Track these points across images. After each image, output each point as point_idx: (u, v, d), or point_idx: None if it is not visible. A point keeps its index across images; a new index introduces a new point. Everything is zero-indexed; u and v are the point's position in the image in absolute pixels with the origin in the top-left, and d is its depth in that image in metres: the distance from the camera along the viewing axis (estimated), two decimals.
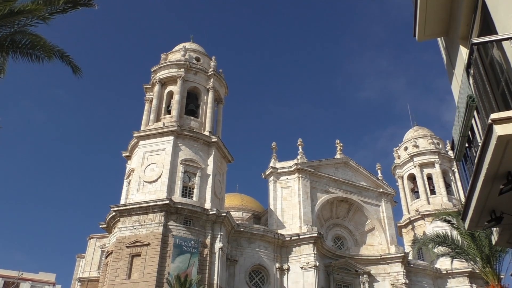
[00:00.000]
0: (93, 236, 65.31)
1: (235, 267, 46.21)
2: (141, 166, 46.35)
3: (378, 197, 59.69)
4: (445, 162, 67.85)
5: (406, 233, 65.99)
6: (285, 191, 54.05)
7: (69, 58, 16.48)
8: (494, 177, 7.50)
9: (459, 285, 57.12)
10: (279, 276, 48.01)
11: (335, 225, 57.81)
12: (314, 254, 48.42)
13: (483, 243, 20.02)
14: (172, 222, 42.37)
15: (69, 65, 16.41)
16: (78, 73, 16.76)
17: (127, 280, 39.96)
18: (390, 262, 54.34)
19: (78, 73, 16.79)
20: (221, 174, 50.29)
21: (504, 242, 9.82)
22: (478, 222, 8.89)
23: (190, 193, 45.58)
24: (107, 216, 45.72)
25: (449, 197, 64.02)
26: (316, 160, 57.41)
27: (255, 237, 48.49)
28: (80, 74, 16.89)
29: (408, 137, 72.51)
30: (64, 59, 16.29)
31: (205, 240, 42.97)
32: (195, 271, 40.18)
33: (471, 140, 9.19)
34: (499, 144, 6.74)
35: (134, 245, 41.42)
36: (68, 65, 16.36)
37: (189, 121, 50.43)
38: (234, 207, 65.13)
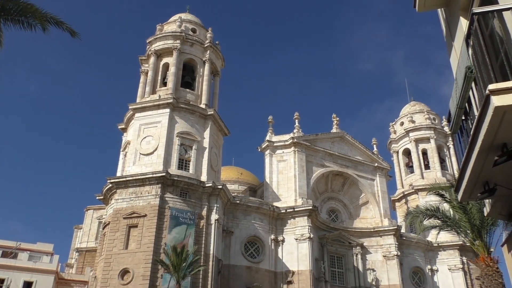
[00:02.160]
0: (90, 207, 65.84)
1: (231, 238, 46.90)
2: (137, 138, 46.34)
3: (373, 171, 60.22)
4: (440, 138, 68.27)
5: (400, 207, 66.93)
6: (281, 164, 54.40)
7: (65, 24, 16.26)
8: (489, 148, 7.60)
9: (450, 258, 58.39)
10: (274, 247, 48.83)
11: (330, 199, 58.48)
12: (308, 226, 49.14)
13: (475, 216, 20.32)
14: (169, 194, 42.70)
15: (66, 30, 16.20)
16: (76, 36, 16.56)
17: (124, 250, 40.54)
18: (383, 234, 55.31)
19: (77, 37, 16.59)
20: (217, 147, 50.41)
21: (496, 213, 10.02)
22: (471, 194, 9.04)
23: (187, 166, 45.77)
24: (104, 188, 45.97)
25: (443, 172, 64.66)
26: (312, 134, 57.56)
27: (250, 209, 49.05)
28: (78, 37, 16.68)
29: (405, 112, 72.65)
30: (60, 25, 16.09)
31: (202, 212, 43.43)
32: (191, 242, 40.77)
33: (467, 113, 9.26)
34: (496, 115, 6.81)
35: (131, 217, 41.85)
36: (65, 31, 16.14)
37: (185, 93, 50.17)
38: (230, 180, 65.56)
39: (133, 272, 39.08)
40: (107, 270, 39.95)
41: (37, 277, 51.74)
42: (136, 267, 39.22)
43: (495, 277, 18.44)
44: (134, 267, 39.29)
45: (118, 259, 40.16)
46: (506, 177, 8.30)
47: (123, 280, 39.13)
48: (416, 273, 57.20)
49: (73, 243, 69.32)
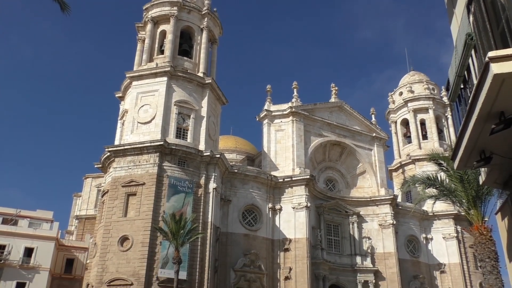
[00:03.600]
0: (88, 175, 66.25)
1: (228, 207, 47.41)
2: (134, 107, 46.12)
3: (370, 141, 60.38)
4: (439, 108, 68.17)
5: (396, 176, 67.47)
6: (279, 134, 54.43)
7: None
8: (487, 116, 7.57)
9: (444, 227, 59.33)
10: (271, 216, 49.45)
11: (328, 168, 58.83)
12: (306, 195, 49.62)
13: (471, 185, 20.49)
14: (167, 163, 42.85)
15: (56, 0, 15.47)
16: (66, 10, 15.80)
17: (123, 218, 40.99)
18: (379, 203, 55.98)
19: (66, 11, 15.84)
20: (215, 116, 50.26)
21: (491, 182, 10.08)
22: (467, 162, 9.08)
23: (184, 135, 45.75)
24: (102, 156, 46.07)
25: (440, 142, 64.87)
26: (310, 104, 57.36)
27: (248, 178, 49.38)
28: (68, 12, 15.92)
29: (404, 82, 72.25)
30: None
31: (200, 181, 43.71)
32: (189, 210, 41.20)
33: (466, 81, 9.19)
34: (495, 83, 6.75)
35: (130, 185, 42.12)
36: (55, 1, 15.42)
37: (182, 61, 49.62)
38: (228, 149, 65.74)
39: (132, 239, 39.65)
40: (107, 237, 40.51)
41: (37, 244, 52.60)
42: (135, 234, 39.77)
43: (488, 245, 18.78)
44: (133, 234, 39.83)
45: (118, 227, 40.67)
46: (502, 146, 8.32)
47: (122, 246, 39.74)
48: (411, 241, 58.24)
49: (72, 211, 70.13)
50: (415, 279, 55.60)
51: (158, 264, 38.94)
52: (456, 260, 57.49)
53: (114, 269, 38.95)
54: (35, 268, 51.63)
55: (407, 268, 55.58)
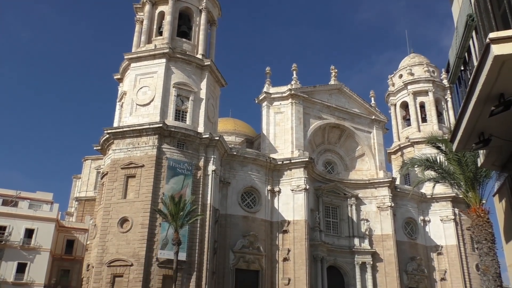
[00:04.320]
0: (88, 157, 66.36)
1: (227, 189, 47.61)
2: (133, 89, 45.91)
3: (370, 124, 60.35)
4: (438, 91, 67.95)
5: (395, 159, 67.62)
6: (278, 116, 54.34)
7: None
8: (487, 98, 7.54)
9: (442, 209, 59.72)
10: (270, 198, 49.71)
11: (326, 151, 58.91)
12: (304, 177, 49.80)
13: (469, 168, 20.54)
14: (166, 145, 42.86)
15: None
16: None
17: (123, 199, 41.18)
18: (378, 186, 56.22)
19: None
20: (214, 98, 50.08)
21: (489, 164, 10.11)
22: (466, 144, 9.08)
23: (183, 117, 45.64)
24: (101, 138, 46.03)
25: (440, 125, 64.85)
26: (310, 86, 57.13)
27: (247, 161, 49.48)
28: None
29: (404, 65, 71.85)
30: None
31: (199, 163, 43.80)
32: (189, 192, 41.38)
33: (467, 63, 9.14)
34: (495, 64, 6.70)
35: (129, 167, 42.20)
36: None
37: (181, 43, 49.21)
38: (227, 131, 65.73)
39: (132, 221, 39.91)
40: (107, 219, 40.77)
41: (38, 225, 52.95)
42: (135, 216, 40.01)
43: (485, 227, 18.90)
44: (133, 215, 40.07)
45: (117, 208, 40.89)
46: (501, 128, 8.31)
47: (122, 228, 40.02)
48: (409, 223, 58.70)
49: (72, 192, 70.45)
50: (412, 261, 56.22)
51: (158, 246, 39.28)
52: (453, 242, 58.03)
53: (114, 250, 39.30)
54: (36, 249, 52.08)
55: (405, 250, 56.15)
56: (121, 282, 38.36)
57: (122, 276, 38.44)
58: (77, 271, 55.71)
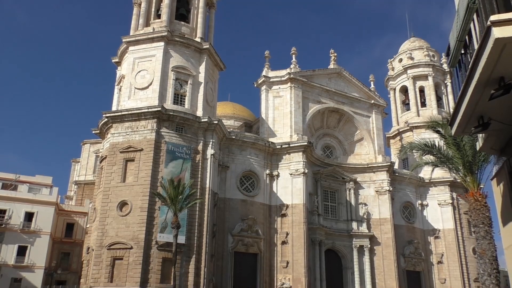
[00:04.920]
0: (86, 141, 66.31)
1: (226, 173, 47.73)
2: (131, 72, 45.66)
3: (369, 108, 60.26)
4: (438, 75, 67.70)
5: (394, 144, 67.70)
6: (277, 100, 54.20)
7: None
8: (487, 82, 7.51)
9: (440, 193, 60.04)
10: (269, 182, 49.88)
11: (325, 135, 58.93)
12: (303, 161, 49.90)
13: (468, 152, 20.57)
14: (164, 129, 42.82)
15: None
16: None
17: (122, 183, 41.29)
18: (376, 170, 56.39)
19: None
20: (213, 82, 49.85)
21: (488, 148, 10.11)
22: (465, 128, 9.07)
23: (182, 101, 45.50)
24: (100, 122, 45.92)
25: (439, 110, 64.75)
26: (309, 70, 56.87)
27: (246, 145, 49.51)
28: None
29: (404, 49, 71.41)
30: None
31: (197, 147, 43.81)
32: (187, 176, 41.48)
33: (467, 46, 9.07)
34: (496, 47, 6.65)
35: (128, 151, 42.21)
36: None
37: (179, 26, 48.77)
38: (226, 115, 65.56)
39: (131, 204, 40.08)
40: (106, 202, 40.93)
41: (38, 208, 53.15)
42: (134, 200, 40.17)
43: (482, 211, 19.01)
44: (132, 199, 40.23)
45: (116, 192, 41.02)
46: (501, 112, 8.29)
47: (121, 211, 40.21)
48: (407, 207, 59.06)
49: (71, 176, 70.54)
50: (410, 244, 56.72)
51: (157, 229, 39.52)
52: (450, 226, 58.48)
53: (114, 233, 39.55)
54: (36, 232, 52.39)
55: (402, 234, 56.61)
56: (121, 264, 38.70)
57: (122, 259, 38.77)
58: (77, 254, 56.15)
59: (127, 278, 37.88)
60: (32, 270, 50.94)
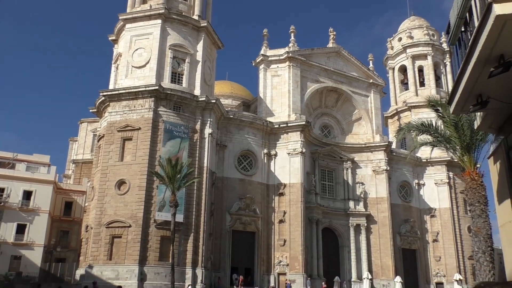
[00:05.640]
0: (84, 120, 66.10)
1: (224, 152, 47.77)
2: (128, 50, 45.21)
3: (367, 88, 60.04)
4: (438, 55, 67.28)
5: (392, 123, 67.70)
6: (275, 79, 53.91)
7: None
8: (486, 59, 7.44)
9: (437, 173, 60.36)
10: (267, 161, 49.99)
11: (323, 114, 58.84)
12: (301, 141, 49.94)
13: (465, 132, 20.56)
14: (162, 108, 42.65)
15: None
16: None
17: (120, 162, 41.33)
18: (374, 150, 56.53)
19: None
20: (210, 60, 49.45)
21: (486, 127, 10.10)
22: (464, 106, 9.04)
23: (180, 79, 45.21)
24: (97, 100, 45.69)
25: (437, 89, 64.55)
26: (308, 49, 56.41)
27: (244, 124, 49.44)
28: None
29: (404, 28, 70.75)
30: None
31: (195, 126, 43.72)
32: (185, 155, 41.52)
33: (467, 23, 8.97)
34: (496, 24, 6.57)
35: (125, 130, 42.12)
36: None
37: (177, 3, 48.10)
38: (224, 94, 65.26)
39: (129, 183, 40.20)
40: (104, 181, 41.04)
41: (36, 187, 53.24)
42: (132, 178, 40.27)
43: (478, 190, 19.10)
44: (130, 178, 40.33)
45: (114, 171, 41.09)
46: (499, 90, 8.25)
47: (119, 190, 40.35)
48: (404, 186, 59.44)
49: (69, 155, 70.50)
50: (406, 223, 57.30)
51: (155, 207, 39.74)
52: (446, 205, 58.99)
53: (112, 212, 39.78)
54: (35, 211, 52.60)
55: (399, 212, 57.11)
56: (120, 242, 39.04)
57: (120, 237, 39.10)
58: (76, 232, 56.50)
59: (126, 256, 38.28)
60: (31, 248, 51.34)
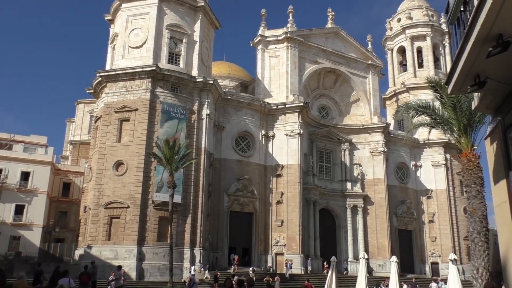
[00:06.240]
0: (81, 101, 65.82)
1: (222, 133, 47.76)
2: (125, 30, 44.75)
3: (366, 69, 59.77)
4: (437, 36, 66.81)
5: (390, 105, 67.61)
6: (273, 60, 53.58)
7: None
8: (485, 39, 7.37)
9: (434, 154, 60.57)
10: (264, 142, 50.04)
11: (321, 96, 58.68)
12: (299, 122, 49.90)
13: (463, 113, 20.55)
14: (159, 89, 42.44)
15: None
16: None
17: (117, 143, 41.31)
18: (372, 131, 56.59)
19: None
20: (208, 41, 49.03)
21: (483, 107, 10.07)
22: (461, 86, 8.98)
23: (177, 60, 44.89)
24: (94, 81, 45.41)
25: (436, 71, 64.26)
26: (306, 29, 55.94)
27: (242, 105, 49.31)
28: None
29: (403, 8, 70.07)
30: None
31: (193, 107, 43.59)
32: (183, 136, 41.49)
33: (467, 3, 8.86)
34: (495, 2, 6.48)
35: (122, 110, 41.98)
36: None
37: None
38: (222, 75, 64.90)
39: (127, 164, 40.25)
40: (102, 162, 41.07)
41: (33, 168, 53.30)
42: (130, 159, 40.31)
43: (475, 171, 19.16)
44: (128, 159, 40.36)
45: (112, 152, 41.09)
46: (498, 70, 8.20)
47: (117, 171, 40.42)
48: (401, 168, 59.68)
49: (66, 136, 70.43)
50: (402, 204, 57.73)
51: (153, 188, 39.90)
52: (443, 187, 59.35)
53: (110, 193, 39.93)
54: (33, 191, 52.76)
55: (395, 194, 57.49)
56: (118, 223, 39.29)
57: (119, 218, 39.34)
58: (74, 213, 56.82)
59: (125, 236, 38.57)
60: (30, 228, 51.66)
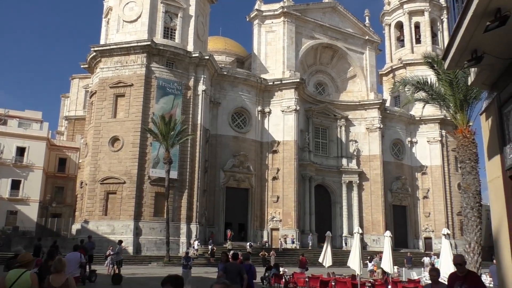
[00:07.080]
0: (75, 76, 65.20)
1: (218, 109, 47.60)
2: (119, 4, 44.02)
3: (363, 45, 59.30)
4: (435, 11, 66.15)
5: (387, 81, 67.38)
6: (269, 35, 53.00)
7: None
8: (483, 13, 7.29)
9: (430, 131, 60.79)
10: (261, 119, 49.97)
11: (318, 72, 58.35)
12: (295, 98, 49.75)
13: (460, 89, 20.52)
14: (155, 64, 42.04)
15: None
16: None
17: (113, 119, 41.15)
18: (368, 108, 56.56)
19: None
20: (203, 15, 48.34)
21: (479, 83, 10.04)
22: (458, 62, 8.93)
23: (172, 35, 44.33)
24: (88, 56, 44.89)
25: (433, 47, 63.86)
26: (303, 4, 55.23)
27: (238, 81, 49.01)
28: None
29: None
30: None
31: (188, 83, 43.29)
32: (179, 112, 41.34)
33: None
34: None
35: (118, 86, 41.67)
36: None
37: None
38: (218, 50, 64.28)
39: (122, 140, 40.19)
40: (97, 138, 41.00)
41: (29, 143, 53.15)
42: (126, 135, 40.23)
43: (470, 148, 19.26)
44: (124, 135, 40.29)
45: (108, 127, 40.97)
46: (495, 45, 8.14)
47: (113, 147, 40.40)
48: (396, 144, 59.94)
49: (61, 112, 70.03)
50: (397, 180, 58.20)
51: (149, 164, 39.97)
52: (438, 163, 59.77)
53: (107, 168, 39.98)
54: (29, 167, 52.74)
55: (391, 170, 57.89)
56: (115, 199, 39.50)
57: (115, 193, 39.52)
58: (71, 188, 56.96)
59: (121, 212, 38.84)
60: (27, 203, 51.86)
